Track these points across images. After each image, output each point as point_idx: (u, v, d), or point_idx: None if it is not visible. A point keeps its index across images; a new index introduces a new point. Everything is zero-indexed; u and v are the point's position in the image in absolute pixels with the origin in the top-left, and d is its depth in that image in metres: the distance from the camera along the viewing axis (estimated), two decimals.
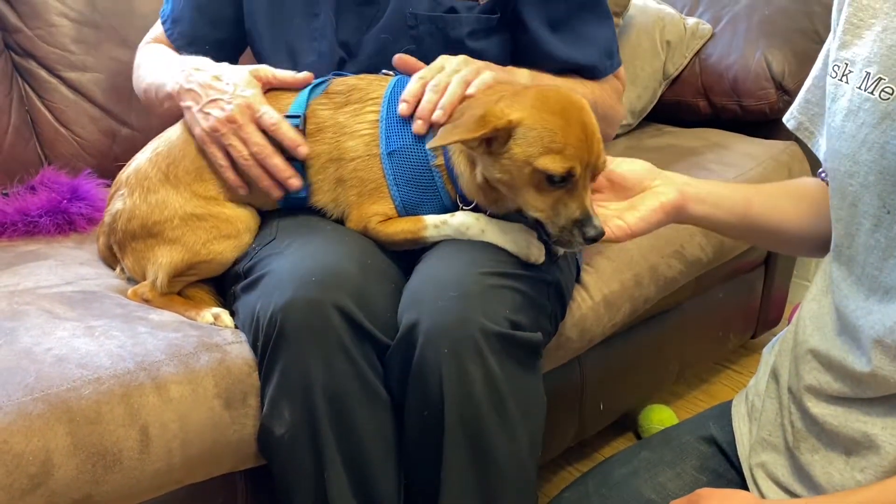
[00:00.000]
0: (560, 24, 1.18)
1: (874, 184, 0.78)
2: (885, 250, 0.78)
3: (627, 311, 1.41)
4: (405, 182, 1.01)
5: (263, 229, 1.10)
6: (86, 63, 1.52)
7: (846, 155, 0.81)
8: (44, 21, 1.49)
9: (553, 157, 0.87)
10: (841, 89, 0.83)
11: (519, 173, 0.90)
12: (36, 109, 1.50)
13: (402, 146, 1.01)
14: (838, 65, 0.83)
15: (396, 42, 1.15)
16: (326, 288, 0.89)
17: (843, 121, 0.82)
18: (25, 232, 1.23)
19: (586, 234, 0.88)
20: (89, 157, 1.51)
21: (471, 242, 0.99)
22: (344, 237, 1.02)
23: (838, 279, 0.84)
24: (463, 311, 0.88)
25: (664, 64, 1.90)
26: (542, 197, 0.91)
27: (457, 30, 1.14)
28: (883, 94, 0.77)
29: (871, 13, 0.81)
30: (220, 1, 1.24)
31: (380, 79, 1.07)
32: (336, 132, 1.04)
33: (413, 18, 1.14)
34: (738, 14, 1.89)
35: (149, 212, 1.09)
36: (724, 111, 1.87)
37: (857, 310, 0.80)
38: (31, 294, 1.04)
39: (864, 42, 0.81)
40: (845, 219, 0.83)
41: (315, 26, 1.18)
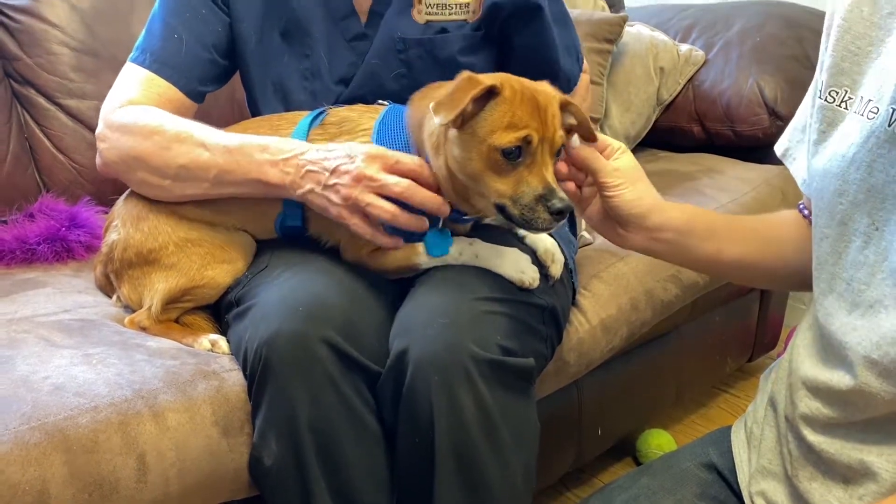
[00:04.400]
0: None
1: (863, 202, 0.79)
2: (874, 266, 0.79)
3: (625, 335, 1.41)
4: None
5: (258, 257, 1.11)
6: (85, 91, 1.53)
7: (836, 175, 0.82)
8: (44, 50, 1.50)
9: (506, 131, 0.87)
10: (839, 115, 0.84)
11: (474, 156, 0.89)
12: (35, 137, 1.51)
13: None
14: (836, 91, 0.84)
15: (386, 66, 1.16)
16: (313, 320, 0.89)
17: (836, 144, 0.83)
18: (24, 259, 1.23)
19: (551, 207, 0.86)
20: (87, 184, 1.52)
21: (464, 268, 0.99)
22: (335, 266, 1.02)
23: (819, 297, 0.85)
24: (453, 338, 0.88)
25: (658, 90, 1.92)
26: (502, 179, 0.89)
27: (446, 49, 1.15)
28: (869, 113, 0.79)
29: (868, 41, 0.82)
30: (205, 32, 1.16)
31: (371, 109, 1.09)
32: None
33: (402, 43, 1.14)
34: (730, 41, 1.92)
35: (143, 240, 1.09)
36: (718, 136, 1.89)
37: (842, 326, 0.81)
38: (29, 322, 1.04)
39: (861, 69, 0.82)
40: (833, 237, 0.83)
41: (306, 66, 1.18)
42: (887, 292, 0.76)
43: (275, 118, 1.13)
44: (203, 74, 1.16)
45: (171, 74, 1.14)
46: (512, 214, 0.89)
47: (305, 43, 1.17)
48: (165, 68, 1.14)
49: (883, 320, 0.76)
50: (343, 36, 1.18)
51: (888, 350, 0.74)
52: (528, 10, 1.13)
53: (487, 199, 0.92)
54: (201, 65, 1.16)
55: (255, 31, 1.17)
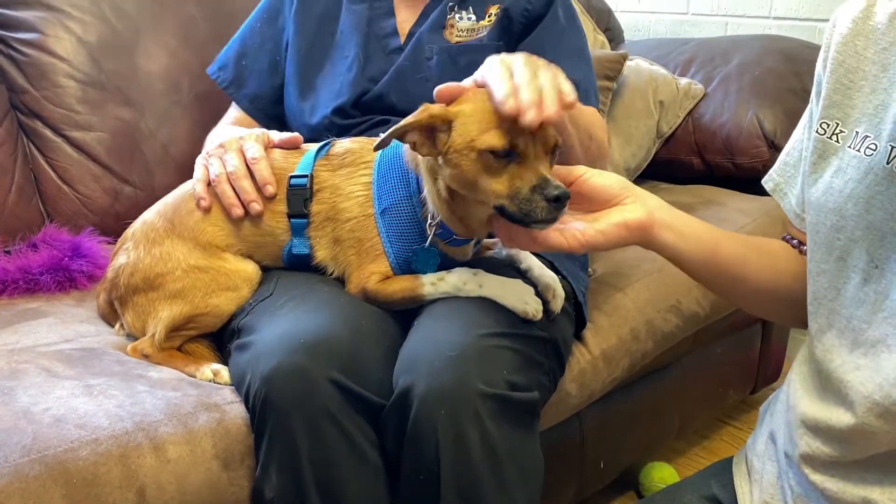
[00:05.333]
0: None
1: (862, 238, 0.79)
2: (874, 304, 0.79)
3: (626, 366, 1.41)
4: (397, 238, 1.03)
5: (262, 285, 1.12)
6: (90, 122, 1.54)
7: (832, 209, 0.82)
8: (51, 82, 1.53)
9: (493, 133, 0.87)
10: (831, 147, 0.84)
11: (465, 161, 0.89)
12: (39, 168, 1.52)
13: (392, 203, 1.03)
14: (827, 123, 0.85)
15: (414, 68, 1.31)
16: (314, 354, 0.90)
17: (832, 177, 0.83)
18: (26, 289, 1.24)
19: (548, 195, 0.85)
20: (91, 215, 1.53)
21: (467, 301, 0.99)
22: (338, 298, 1.02)
23: (817, 333, 0.84)
24: (460, 374, 0.88)
25: (657, 123, 1.94)
26: (496, 179, 0.89)
27: (468, 56, 1.28)
28: (867, 150, 0.79)
29: (861, 75, 0.83)
30: (262, 51, 1.42)
31: (372, 142, 1.10)
32: (332, 193, 1.07)
33: (430, 51, 1.30)
34: (729, 74, 1.95)
35: (152, 264, 1.10)
36: (717, 168, 1.91)
37: (843, 364, 0.80)
38: (31, 352, 1.04)
39: (853, 103, 0.83)
40: (831, 272, 0.83)
41: (344, 66, 1.34)
42: (889, 332, 0.76)
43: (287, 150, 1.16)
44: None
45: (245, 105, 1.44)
46: (512, 212, 0.88)
47: (347, 47, 1.35)
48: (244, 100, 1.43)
49: (886, 361, 0.76)
50: (382, 49, 1.34)
51: (891, 391, 0.74)
52: (534, 18, 1.31)
53: (487, 204, 0.91)
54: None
55: (305, 43, 1.37)
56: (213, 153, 1.14)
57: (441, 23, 1.33)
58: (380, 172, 1.05)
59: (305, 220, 1.07)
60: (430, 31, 1.33)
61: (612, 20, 2.45)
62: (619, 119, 1.90)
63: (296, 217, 1.07)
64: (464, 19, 1.33)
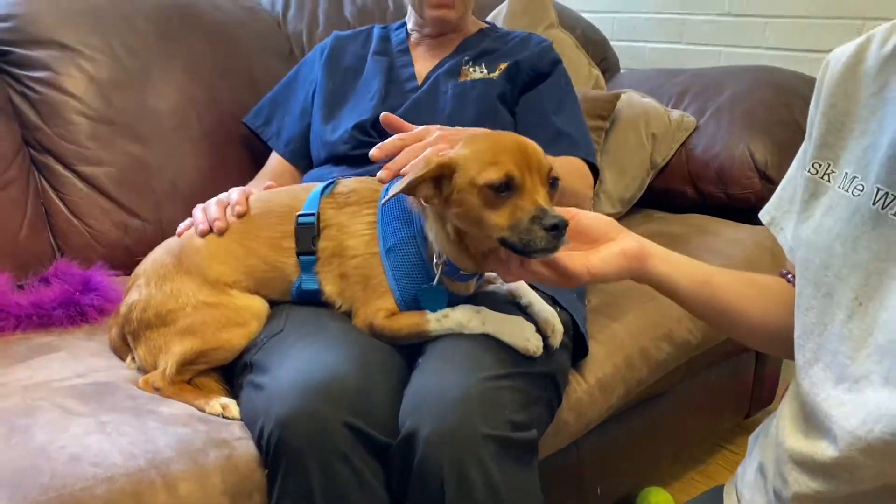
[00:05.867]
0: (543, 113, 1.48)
1: (848, 276, 0.82)
2: (859, 340, 0.81)
3: (621, 394, 1.44)
4: (402, 275, 1.07)
5: (273, 319, 1.15)
6: (100, 158, 1.58)
7: (821, 248, 0.85)
8: (63, 119, 1.57)
9: (491, 168, 0.92)
10: (822, 187, 0.87)
11: (469, 198, 0.94)
12: (51, 202, 1.56)
13: (396, 242, 1.07)
14: (819, 163, 0.88)
15: (429, 100, 1.48)
16: (326, 398, 0.93)
17: (823, 216, 0.86)
18: (39, 325, 1.27)
19: (546, 224, 0.89)
20: (101, 248, 1.56)
21: (470, 339, 1.03)
22: (346, 335, 1.06)
23: (805, 366, 0.87)
24: (463, 419, 0.92)
25: (651, 155, 1.99)
26: (498, 213, 0.93)
27: (478, 91, 1.47)
28: (855, 190, 0.83)
29: (852, 118, 0.86)
30: (291, 98, 1.63)
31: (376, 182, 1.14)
32: (338, 230, 1.11)
33: (446, 87, 1.48)
34: (721, 107, 1.99)
35: (164, 300, 1.14)
36: (711, 198, 1.95)
37: (828, 398, 0.83)
38: (45, 388, 1.08)
39: (844, 144, 0.86)
40: (818, 308, 0.85)
41: (365, 100, 1.51)
42: (873, 368, 0.78)
43: (292, 187, 1.23)
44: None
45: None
46: (514, 244, 0.92)
47: (371, 86, 1.53)
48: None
49: (869, 397, 0.77)
50: (402, 89, 1.52)
51: (873, 427, 0.76)
52: (539, 74, 1.51)
53: (491, 237, 0.95)
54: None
55: (333, 84, 1.56)
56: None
57: (456, 71, 1.52)
58: (383, 212, 1.09)
59: (313, 257, 1.11)
60: (445, 74, 1.51)
61: (608, 51, 2.50)
62: (613, 152, 1.94)
63: (304, 254, 1.12)
64: (476, 71, 1.51)
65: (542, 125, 1.47)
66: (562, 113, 1.49)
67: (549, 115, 1.48)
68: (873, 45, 0.86)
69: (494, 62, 1.51)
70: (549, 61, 1.54)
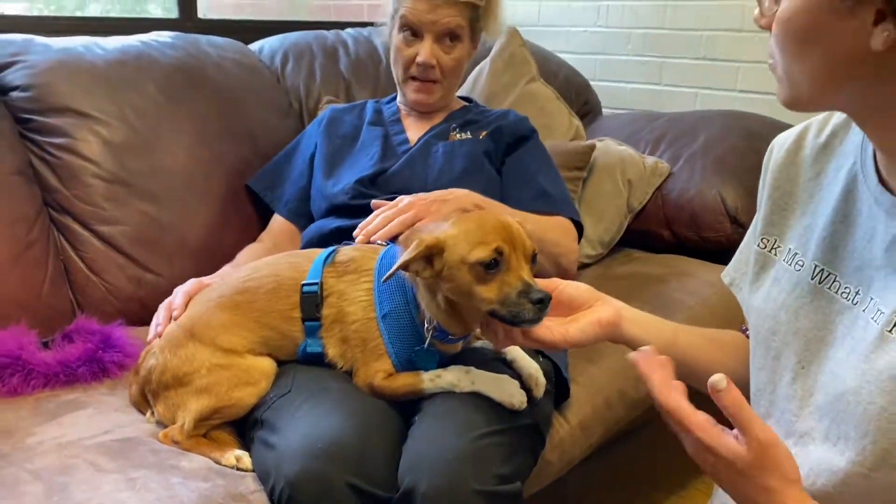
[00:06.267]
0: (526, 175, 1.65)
1: (792, 341, 0.91)
2: (802, 400, 0.90)
3: (601, 433, 1.56)
4: (398, 339, 1.19)
5: (281, 378, 1.26)
6: (115, 217, 1.69)
7: (769, 315, 0.95)
8: (80, 182, 1.68)
9: (480, 247, 1.04)
10: (770, 260, 0.98)
11: (460, 274, 1.06)
12: (70, 260, 1.66)
13: (391, 308, 1.19)
14: (767, 239, 0.99)
15: (421, 157, 1.63)
16: (330, 460, 1.05)
17: (770, 287, 0.96)
18: (66, 382, 1.38)
19: (532, 298, 1.00)
20: (117, 302, 1.67)
21: (461, 398, 1.15)
22: (348, 396, 1.17)
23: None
24: (457, 475, 1.04)
25: (628, 199, 2.11)
26: (487, 287, 1.04)
27: (465, 149, 1.63)
28: (797, 265, 0.93)
29: (794, 199, 0.96)
30: (291, 163, 1.80)
31: (373, 250, 1.26)
32: (339, 298, 1.22)
33: (436, 146, 1.64)
34: (694, 153, 2.12)
35: (179, 364, 1.25)
36: (686, 240, 2.08)
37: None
38: (77, 446, 1.19)
39: (787, 223, 0.97)
40: (769, 368, 0.95)
41: (363, 161, 1.66)
42: (814, 426, 0.87)
43: (293, 255, 1.34)
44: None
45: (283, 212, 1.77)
46: (503, 315, 1.03)
47: (369, 148, 1.68)
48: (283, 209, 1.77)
49: (812, 452, 0.87)
50: (396, 150, 1.68)
51: (815, 480, 0.85)
52: (519, 137, 1.69)
53: (480, 308, 1.07)
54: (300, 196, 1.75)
55: (332, 148, 1.72)
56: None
57: (444, 135, 1.69)
58: (380, 281, 1.21)
59: (318, 323, 1.23)
60: (434, 137, 1.69)
61: (590, 94, 2.63)
62: (591, 199, 2.07)
63: (309, 320, 1.23)
64: (462, 135, 1.68)
65: (528, 184, 1.62)
66: (543, 174, 1.64)
67: (533, 175, 1.63)
68: (810, 135, 0.97)
69: (478, 130, 1.68)
70: (527, 128, 1.72)
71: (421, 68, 1.64)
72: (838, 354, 0.87)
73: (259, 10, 4.02)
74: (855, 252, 0.87)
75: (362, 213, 1.47)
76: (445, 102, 1.74)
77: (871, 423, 0.79)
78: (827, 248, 0.90)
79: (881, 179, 0.85)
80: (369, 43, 2.34)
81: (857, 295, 0.86)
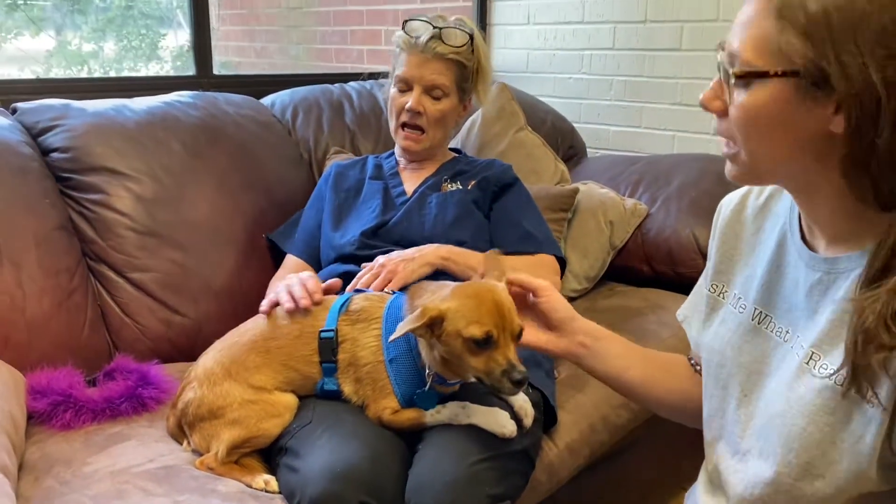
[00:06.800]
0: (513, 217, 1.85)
1: (736, 373, 1.06)
2: (745, 423, 1.03)
3: (587, 455, 1.72)
4: (403, 381, 1.36)
5: (303, 411, 1.43)
6: (147, 265, 1.85)
7: (718, 351, 1.09)
8: (114, 234, 1.84)
9: (475, 326, 1.19)
10: (718, 303, 1.13)
11: (455, 344, 1.23)
12: (106, 304, 1.83)
13: (397, 355, 1.36)
14: (716, 284, 1.14)
15: (418, 207, 1.83)
16: (347, 482, 1.21)
17: (718, 326, 1.11)
18: (111, 416, 1.54)
19: (512, 378, 1.18)
20: (148, 342, 1.83)
21: (458, 430, 1.32)
22: (361, 426, 1.34)
23: (711, 441, 1.11)
24: (455, 497, 1.22)
25: (610, 238, 2.30)
26: (476, 358, 1.21)
27: (457, 197, 1.82)
28: (740, 308, 1.08)
29: (738, 252, 1.11)
30: (305, 216, 1.98)
31: (381, 299, 1.44)
32: (352, 344, 1.40)
33: (431, 197, 1.82)
34: (670, 196, 2.31)
35: (214, 399, 1.42)
36: (664, 275, 2.26)
37: (728, 468, 1.05)
38: (127, 473, 1.35)
39: (733, 271, 1.12)
40: (718, 396, 1.09)
41: (365, 213, 1.85)
42: (753, 444, 1.01)
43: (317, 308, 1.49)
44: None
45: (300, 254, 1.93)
46: (486, 383, 1.24)
47: (371, 202, 1.87)
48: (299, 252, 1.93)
49: (751, 466, 1.01)
50: (395, 201, 1.86)
51: (753, 490, 1.00)
52: (504, 185, 1.88)
53: (468, 372, 1.27)
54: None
55: (339, 200, 1.91)
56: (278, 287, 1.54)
57: (437, 186, 1.88)
58: (387, 328, 1.38)
59: (334, 365, 1.40)
60: (428, 188, 1.87)
61: (575, 138, 2.83)
62: (577, 238, 2.26)
63: (326, 363, 1.41)
64: (453, 186, 1.87)
65: (514, 227, 1.82)
66: (527, 217, 1.84)
67: (518, 220, 1.83)
68: (752, 197, 1.12)
69: (467, 180, 1.87)
70: (510, 176, 1.91)
71: (409, 114, 1.84)
72: (772, 384, 1.00)
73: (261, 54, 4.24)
74: (785, 296, 1.01)
75: (367, 261, 1.70)
76: (433, 152, 1.93)
77: (794, 441, 0.94)
78: (764, 293, 1.05)
79: (804, 236, 1.00)
80: (372, 96, 2.53)
81: (787, 333, 1.00)
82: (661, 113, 2.81)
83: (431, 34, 1.79)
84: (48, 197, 1.81)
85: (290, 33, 4.73)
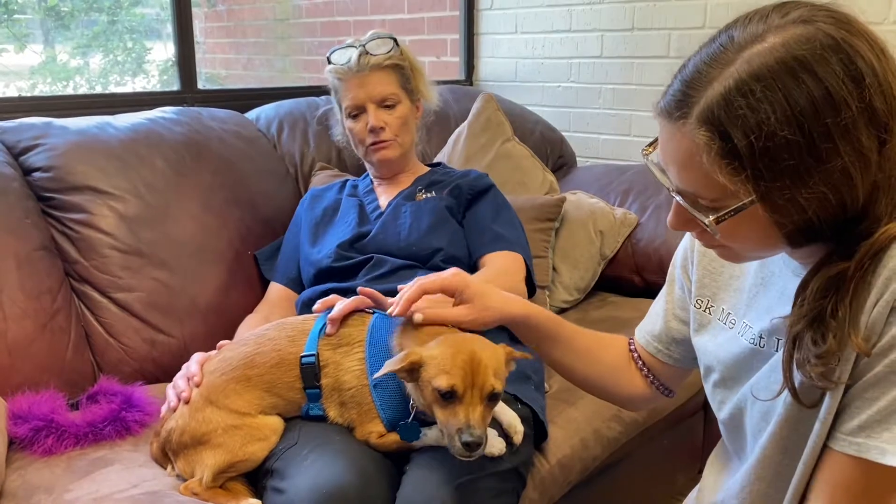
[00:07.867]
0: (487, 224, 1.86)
1: (728, 378, 1.10)
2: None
3: (579, 470, 1.71)
4: (388, 406, 1.34)
5: (289, 432, 1.40)
6: (131, 285, 1.84)
7: (710, 354, 1.14)
8: (98, 254, 1.82)
9: (443, 377, 1.17)
10: (706, 318, 1.15)
11: (427, 390, 1.21)
12: (90, 325, 1.81)
13: (382, 380, 1.33)
14: (701, 300, 1.16)
15: (394, 218, 1.83)
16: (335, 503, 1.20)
17: (710, 338, 1.14)
18: (94, 440, 1.51)
19: (462, 439, 1.14)
20: (133, 362, 1.81)
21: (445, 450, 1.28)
22: (348, 446, 1.32)
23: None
24: None
25: (600, 248, 2.29)
26: (442, 410, 1.19)
27: (431, 205, 1.83)
28: (730, 322, 1.11)
29: (720, 263, 1.13)
30: (286, 240, 2.00)
31: (361, 321, 1.40)
32: (335, 368, 1.37)
33: (406, 207, 1.84)
34: (660, 204, 2.30)
35: (196, 426, 1.40)
36: (655, 286, 2.24)
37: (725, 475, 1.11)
38: (110, 500, 1.33)
39: (717, 285, 1.14)
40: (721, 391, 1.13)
41: (343, 226, 1.87)
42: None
43: (289, 328, 1.45)
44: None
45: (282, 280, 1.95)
46: (445, 435, 1.20)
47: (348, 217, 1.89)
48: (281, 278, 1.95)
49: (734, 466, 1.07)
50: (370, 216, 1.89)
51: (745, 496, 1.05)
52: (478, 192, 1.90)
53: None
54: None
55: (315, 219, 1.93)
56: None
57: (412, 196, 1.90)
58: (371, 353, 1.35)
59: (318, 391, 1.38)
60: (403, 199, 1.90)
61: (564, 148, 2.82)
62: (566, 249, 2.24)
63: (310, 388, 1.38)
64: (427, 195, 1.89)
65: (484, 231, 1.83)
66: (499, 220, 1.85)
67: (488, 223, 1.85)
68: None
69: (441, 189, 1.90)
70: (485, 183, 1.93)
71: (373, 134, 1.87)
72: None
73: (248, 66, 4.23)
74: (770, 307, 1.05)
75: (345, 272, 1.74)
76: (407, 161, 1.97)
77: (759, 435, 1.00)
78: (751, 305, 1.08)
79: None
80: None
81: (778, 342, 1.02)
82: (650, 121, 2.78)
83: (359, 52, 1.84)
84: (29, 217, 1.79)
85: (277, 45, 4.73)
